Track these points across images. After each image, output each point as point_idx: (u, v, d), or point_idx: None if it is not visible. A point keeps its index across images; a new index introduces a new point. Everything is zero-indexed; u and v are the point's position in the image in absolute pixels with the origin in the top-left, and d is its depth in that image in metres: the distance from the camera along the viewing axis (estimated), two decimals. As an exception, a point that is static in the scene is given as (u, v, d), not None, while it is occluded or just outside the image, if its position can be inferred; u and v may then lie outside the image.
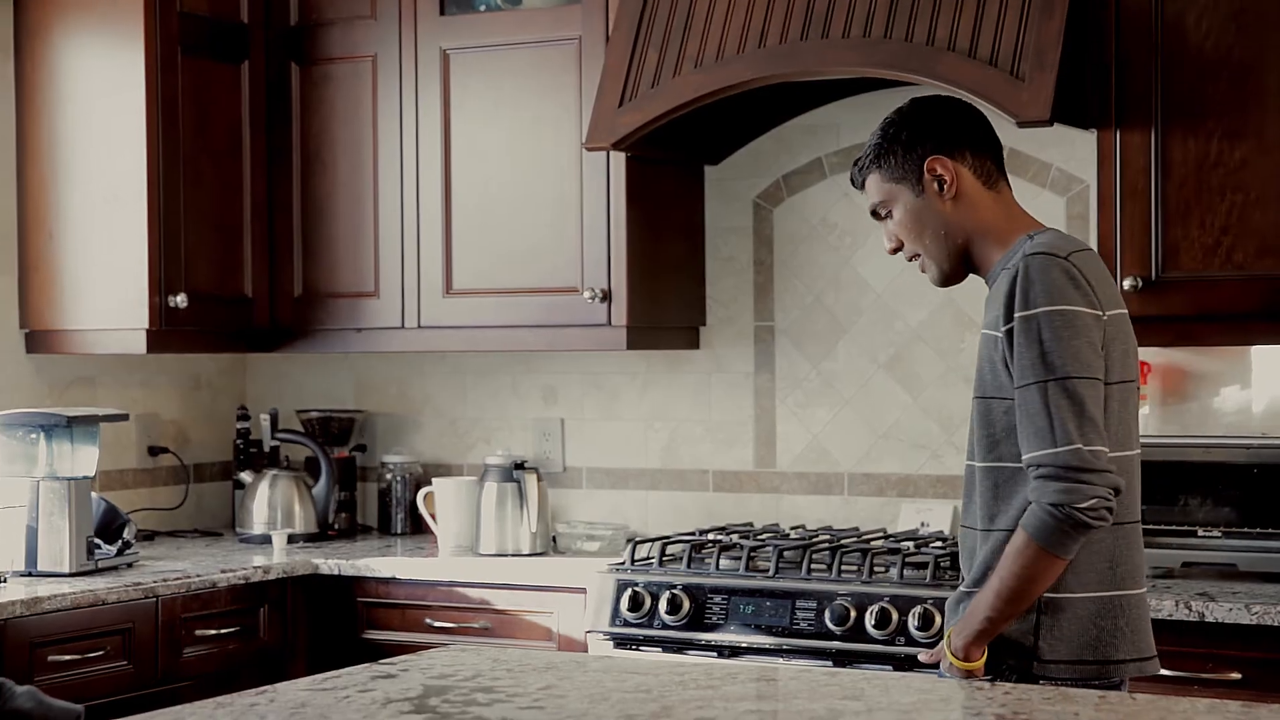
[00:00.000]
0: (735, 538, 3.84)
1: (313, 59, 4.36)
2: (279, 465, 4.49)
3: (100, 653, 3.52)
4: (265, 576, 3.91)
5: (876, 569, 3.57)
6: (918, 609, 3.39)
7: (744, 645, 3.54)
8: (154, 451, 4.54)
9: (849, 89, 4.01)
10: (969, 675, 2.45)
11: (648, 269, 4.06)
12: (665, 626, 3.60)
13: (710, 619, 3.57)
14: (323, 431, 4.61)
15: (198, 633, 3.75)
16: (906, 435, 4.09)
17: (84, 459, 3.79)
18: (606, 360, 4.40)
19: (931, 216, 2.60)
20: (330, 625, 4.04)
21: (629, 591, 3.65)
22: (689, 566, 3.69)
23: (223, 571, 3.83)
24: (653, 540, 3.85)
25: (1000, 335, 2.47)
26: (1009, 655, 2.46)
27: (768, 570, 3.61)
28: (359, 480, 4.64)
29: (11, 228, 4.19)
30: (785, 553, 3.66)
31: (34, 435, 3.76)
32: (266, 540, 4.29)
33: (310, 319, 4.38)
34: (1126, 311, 2.56)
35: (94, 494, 3.82)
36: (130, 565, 3.84)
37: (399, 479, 4.53)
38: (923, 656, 2.58)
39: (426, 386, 4.64)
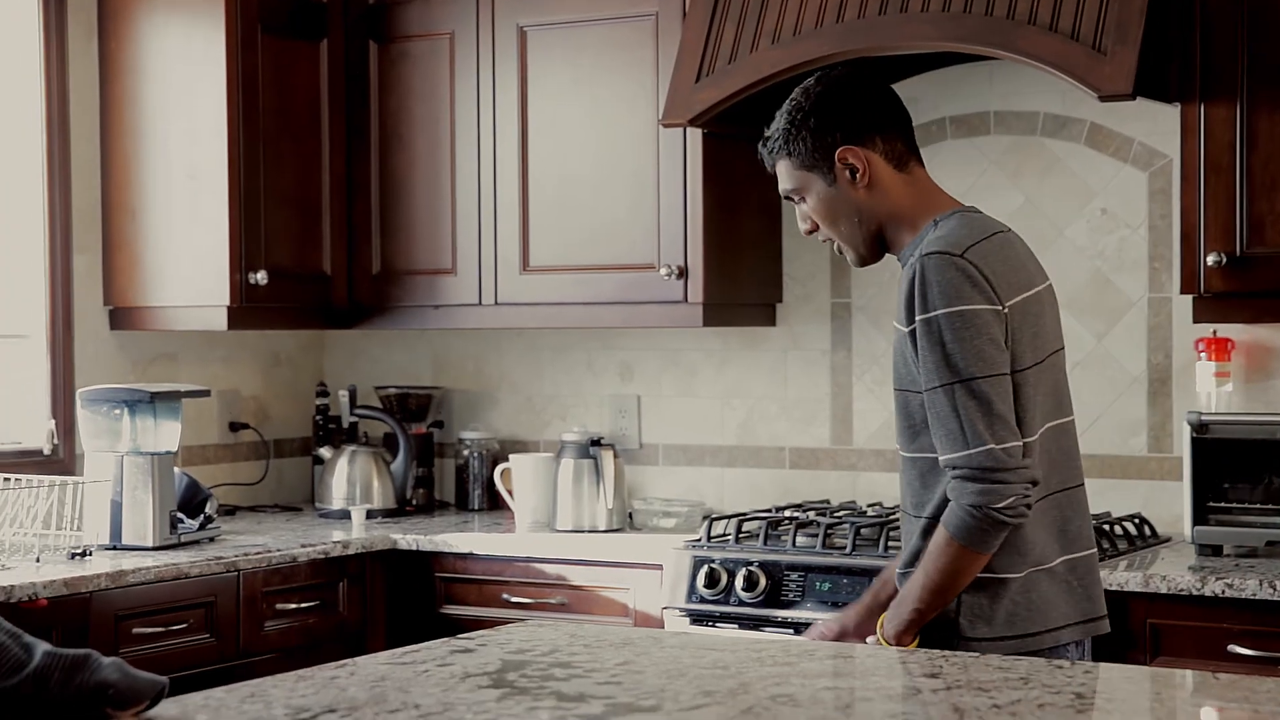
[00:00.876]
0: (812, 515, 3.83)
1: (391, 37, 4.38)
2: (358, 441, 4.53)
3: (183, 625, 3.57)
4: (344, 551, 3.94)
5: (954, 547, 3.54)
6: (996, 587, 3.36)
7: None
8: (235, 427, 4.59)
9: (927, 63, 3.97)
10: None
11: (724, 246, 4.05)
12: (741, 603, 3.60)
13: (786, 596, 3.57)
14: (400, 408, 4.63)
15: (278, 606, 3.79)
16: (985, 412, 4.06)
17: (167, 434, 3.84)
18: (683, 337, 4.40)
19: (844, 204, 2.60)
20: (408, 600, 4.07)
21: (705, 568, 3.65)
22: (765, 543, 3.69)
23: (303, 546, 3.86)
24: (729, 517, 3.85)
25: (906, 334, 2.49)
26: (935, 633, 2.49)
27: (844, 547, 3.60)
28: (436, 456, 4.67)
29: (96, 206, 4.24)
30: (862, 530, 3.64)
31: (118, 411, 3.81)
32: (345, 515, 4.33)
33: (388, 296, 4.40)
34: (1038, 289, 2.54)
35: (176, 469, 3.87)
36: (212, 539, 3.88)
37: (476, 455, 4.55)
38: (870, 639, 2.58)
39: (503, 363, 4.66)
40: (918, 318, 2.45)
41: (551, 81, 4.18)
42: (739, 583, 3.60)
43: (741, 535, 3.76)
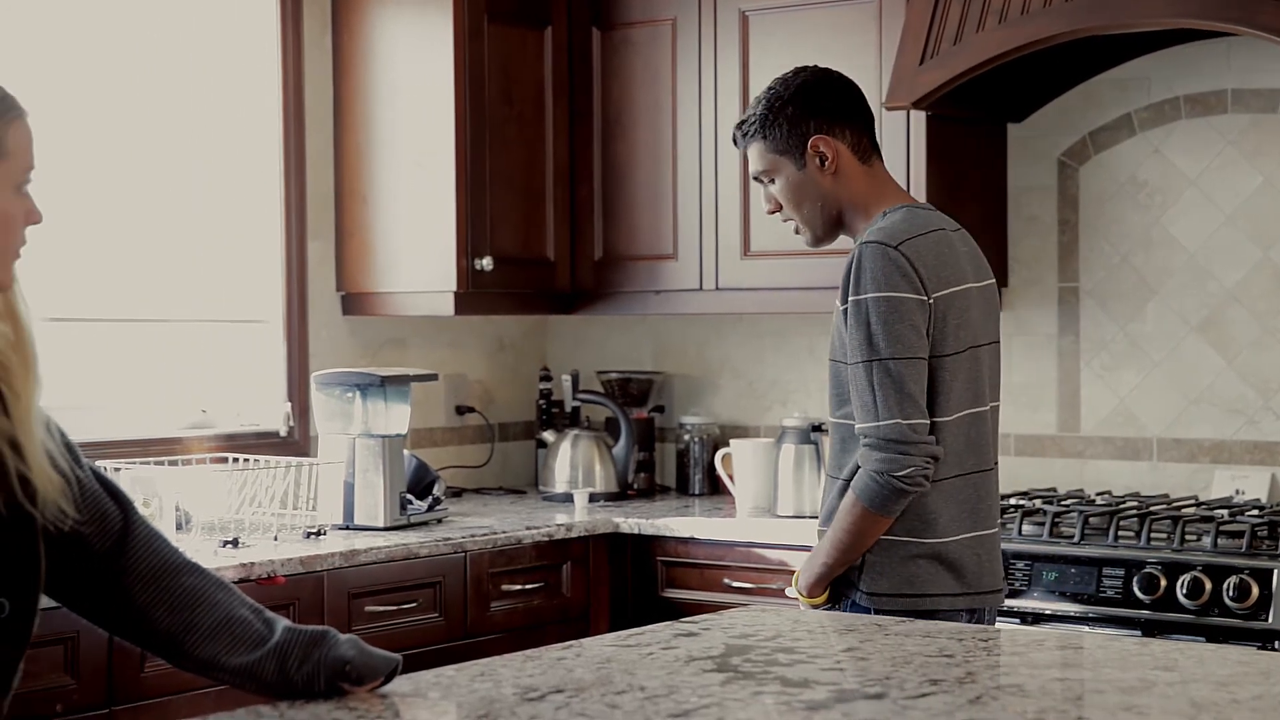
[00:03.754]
0: (1038, 503, 3.76)
1: (613, 24, 4.41)
2: (580, 425, 4.58)
3: (413, 605, 3.64)
4: (568, 534, 3.99)
5: (1188, 537, 3.45)
6: (1233, 579, 3.27)
7: (1047, 612, 3.47)
8: (461, 411, 4.67)
9: (1161, 41, 3.87)
10: (815, 609, 2.77)
11: (948, 229, 3.99)
12: (966, 592, 3.55)
13: (1013, 585, 3.51)
14: (622, 392, 4.67)
15: (504, 587, 3.85)
16: (1220, 400, 3.94)
17: (397, 417, 3.93)
18: (905, 322, 4.35)
19: (811, 188, 2.85)
20: (630, 583, 4.10)
21: (928, 555, 3.61)
22: (990, 531, 3.64)
23: (527, 528, 3.92)
24: (953, 504, 3.79)
25: (841, 311, 2.74)
26: (842, 587, 2.78)
27: (1073, 536, 3.53)
28: (657, 441, 4.70)
29: (329, 194, 4.36)
30: (1091, 519, 3.57)
31: (350, 394, 3.91)
32: (568, 498, 4.38)
33: (610, 281, 4.44)
34: (969, 286, 2.79)
35: (405, 451, 3.95)
36: (440, 521, 3.96)
37: (697, 440, 4.57)
38: (788, 591, 2.87)
39: (724, 348, 4.67)
40: (850, 298, 2.71)
41: (773, 66, 4.15)
42: (963, 571, 3.56)
43: (965, 523, 3.71)
